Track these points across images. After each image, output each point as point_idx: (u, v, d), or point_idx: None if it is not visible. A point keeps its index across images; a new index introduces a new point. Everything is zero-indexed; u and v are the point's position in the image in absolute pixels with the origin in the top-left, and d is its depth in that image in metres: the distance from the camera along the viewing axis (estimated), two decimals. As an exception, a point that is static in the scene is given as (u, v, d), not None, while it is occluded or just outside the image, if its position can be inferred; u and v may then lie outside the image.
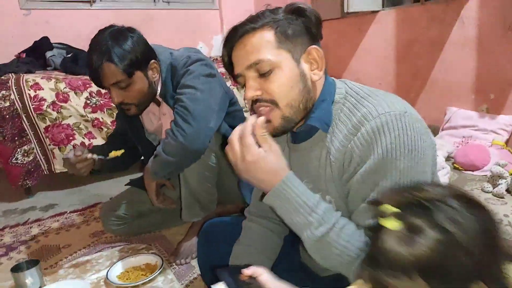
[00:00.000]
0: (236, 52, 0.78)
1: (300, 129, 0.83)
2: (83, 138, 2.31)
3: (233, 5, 3.92)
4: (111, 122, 2.36)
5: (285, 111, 0.77)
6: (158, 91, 1.44)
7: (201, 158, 1.39)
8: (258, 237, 0.97)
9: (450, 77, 2.46)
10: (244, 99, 0.81)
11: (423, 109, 2.55)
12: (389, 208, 0.51)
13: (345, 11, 2.77)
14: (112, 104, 2.35)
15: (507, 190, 1.72)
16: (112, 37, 1.27)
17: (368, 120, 0.71)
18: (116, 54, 1.25)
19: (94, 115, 2.33)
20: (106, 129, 2.35)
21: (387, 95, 0.77)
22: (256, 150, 0.72)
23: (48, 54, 2.84)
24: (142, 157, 1.72)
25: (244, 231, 1.00)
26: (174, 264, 1.51)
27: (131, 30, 1.34)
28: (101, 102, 2.34)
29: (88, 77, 2.38)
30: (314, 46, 0.78)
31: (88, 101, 2.31)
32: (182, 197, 1.51)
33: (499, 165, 1.77)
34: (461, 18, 2.33)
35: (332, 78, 0.84)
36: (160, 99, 1.47)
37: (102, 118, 2.34)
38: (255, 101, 0.78)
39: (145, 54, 1.33)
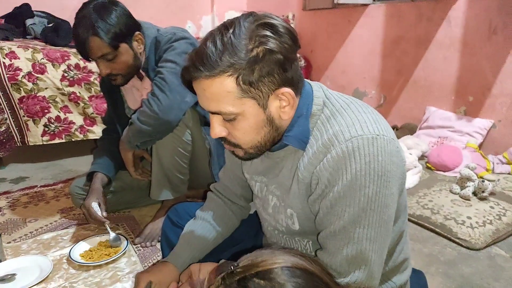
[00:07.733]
0: (196, 88, 0.72)
1: (276, 146, 0.79)
2: (58, 112, 2.26)
3: (225, -15, 3.85)
4: (88, 97, 2.32)
5: (250, 150, 0.76)
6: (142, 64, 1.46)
7: (175, 132, 1.43)
8: (218, 210, 1.02)
9: (433, 76, 2.47)
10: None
11: (404, 107, 2.57)
12: None
13: (336, 1, 2.74)
14: (90, 79, 2.31)
15: (474, 193, 1.75)
16: (96, 11, 1.30)
17: (339, 142, 0.68)
18: (101, 28, 1.28)
19: (71, 89, 2.27)
20: (83, 104, 2.30)
21: (363, 111, 0.73)
22: None
23: (29, 22, 2.74)
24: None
25: (208, 201, 1.05)
26: (139, 245, 1.51)
27: (114, 3, 1.36)
28: (79, 76, 2.28)
29: (67, 50, 2.36)
30: (285, 89, 0.69)
31: (66, 74, 2.25)
32: (152, 173, 1.51)
33: (469, 168, 1.80)
34: (449, 18, 2.33)
35: (309, 82, 0.78)
36: (143, 73, 1.49)
37: (80, 93, 2.29)
38: (221, 138, 0.76)
39: (129, 26, 1.36)
